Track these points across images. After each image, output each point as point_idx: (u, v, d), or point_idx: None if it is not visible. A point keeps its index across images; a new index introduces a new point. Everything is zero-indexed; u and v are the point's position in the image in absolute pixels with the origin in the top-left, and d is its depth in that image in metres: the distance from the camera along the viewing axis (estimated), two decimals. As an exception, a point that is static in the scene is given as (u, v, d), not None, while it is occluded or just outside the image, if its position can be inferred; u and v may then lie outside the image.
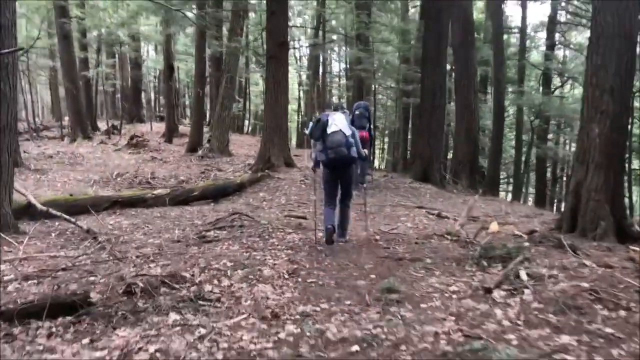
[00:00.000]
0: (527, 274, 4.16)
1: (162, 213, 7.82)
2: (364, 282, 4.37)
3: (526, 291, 3.90)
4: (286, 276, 4.57)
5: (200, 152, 16.13)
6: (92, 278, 4.60)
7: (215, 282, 4.44)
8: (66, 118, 22.04)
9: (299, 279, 4.48)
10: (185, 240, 6.02)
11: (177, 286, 4.29)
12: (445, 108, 14.27)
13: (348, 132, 5.52)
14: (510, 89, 20.60)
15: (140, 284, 4.12)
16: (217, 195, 9.44)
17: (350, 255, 5.30)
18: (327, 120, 5.57)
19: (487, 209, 8.80)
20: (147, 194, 8.54)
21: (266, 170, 11.20)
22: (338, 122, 5.53)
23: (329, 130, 5.49)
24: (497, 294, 3.93)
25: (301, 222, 6.83)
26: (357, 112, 9.73)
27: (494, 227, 6.15)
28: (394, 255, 5.18)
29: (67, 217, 6.55)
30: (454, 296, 3.98)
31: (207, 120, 24.35)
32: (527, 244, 5.34)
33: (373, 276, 4.55)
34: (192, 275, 4.55)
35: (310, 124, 5.77)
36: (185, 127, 22.72)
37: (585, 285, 3.88)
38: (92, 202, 7.94)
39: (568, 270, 4.30)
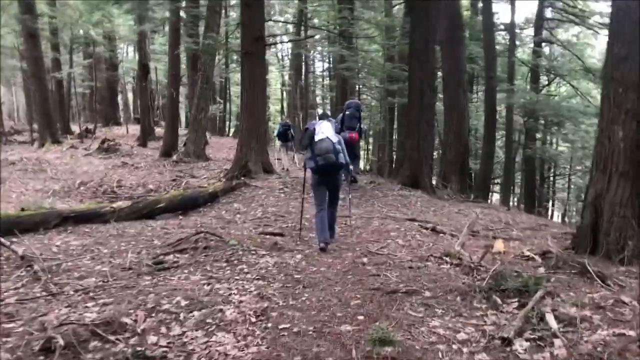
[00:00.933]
0: (555, 317, 3.31)
1: (119, 230, 6.85)
2: (349, 328, 3.50)
3: (556, 342, 3.07)
4: (253, 319, 3.68)
5: (174, 157, 15.09)
6: (9, 325, 3.67)
7: (163, 329, 3.54)
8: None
9: (269, 324, 3.59)
10: (138, 267, 5.07)
11: (112, 338, 3.38)
12: (435, 108, 13.45)
13: (335, 140, 5.73)
14: (497, 88, 19.87)
15: (61, 341, 3.19)
16: (186, 207, 8.46)
17: (333, 286, 4.42)
18: (315, 128, 5.78)
19: (485, 219, 7.96)
20: (103, 208, 7.51)
21: (242, 178, 10.23)
22: (325, 130, 5.74)
23: (316, 138, 5.69)
24: (519, 346, 3.08)
25: (277, 241, 5.92)
26: (347, 112, 9.62)
27: (499, 246, 5.32)
28: (386, 286, 4.30)
29: None
30: (465, 349, 3.13)
31: (186, 122, 23.34)
32: (542, 269, 4.51)
33: (361, 317, 3.69)
34: (135, 320, 3.63)
35: (278, 126, 5.56)
36: (162, 130, 21.61)
37: (632, 333, 3.06)
38: (39, 218, 6.90)
39: (603, 310, 3.46)
